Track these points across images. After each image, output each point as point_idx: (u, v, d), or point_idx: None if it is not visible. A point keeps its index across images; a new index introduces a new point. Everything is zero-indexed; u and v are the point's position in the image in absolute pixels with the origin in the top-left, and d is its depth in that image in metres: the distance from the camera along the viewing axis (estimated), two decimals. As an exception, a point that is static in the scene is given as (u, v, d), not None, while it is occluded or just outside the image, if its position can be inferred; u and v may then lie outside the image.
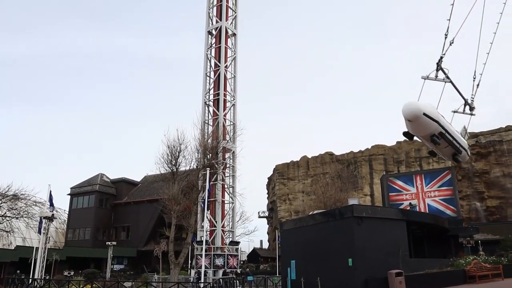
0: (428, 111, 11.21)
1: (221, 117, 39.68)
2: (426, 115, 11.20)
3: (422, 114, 11.12)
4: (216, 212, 37.37)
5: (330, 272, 21.01)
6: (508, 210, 64.52)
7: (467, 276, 23.92)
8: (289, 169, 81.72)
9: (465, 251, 37.78)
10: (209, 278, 31.22)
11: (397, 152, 73.04)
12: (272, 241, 71.32)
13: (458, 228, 36.25)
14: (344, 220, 21.90)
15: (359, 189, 71.08)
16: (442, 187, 37.18)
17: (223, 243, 37.30)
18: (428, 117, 11.26)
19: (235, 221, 39.43)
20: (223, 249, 36.82)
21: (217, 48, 42.49)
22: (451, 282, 22.74)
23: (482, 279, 23.92)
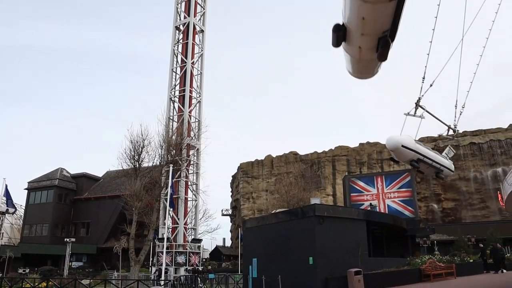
0: (406, 143, 13.62)
1: (186, 114, 39.32)
2: (404, 146, 13.54)
3: (401, 145, 13.58)
4: (179, 209, 37.03)
5: (291, 270, 21.19)
6: (462, 212, 67.10)
7: (423, 274, 24.68)
8: (253, 168, 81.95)
9: (422, 250, 39.06)
10: (170, 276, 30.93)
11: (359, 154, 74.55)
12: (235, 239, 71.35)
13: (416, 228, 37.36)
14: (306, 219, 22.13)
15: (322, 189, 72.10)
16: (402, 189, 38.25)
17: (185, 241, 37.02)
18: (406, 148, 13.58)
19: (198, 219, 39.20)
20: (185, 246, 36.54)
21: (184, 44, 42.06)
22: (408, 281, 23.40)
23: (436, 278, 24.77)
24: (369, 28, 6.86)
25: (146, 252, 28.18)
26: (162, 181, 33.76)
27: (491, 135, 66.56)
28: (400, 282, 22.82)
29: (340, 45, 7.55)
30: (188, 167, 39.18)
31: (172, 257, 35.04)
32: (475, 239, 46.26)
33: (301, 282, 20.62)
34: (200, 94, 41.90)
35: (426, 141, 72.67)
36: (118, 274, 35.72)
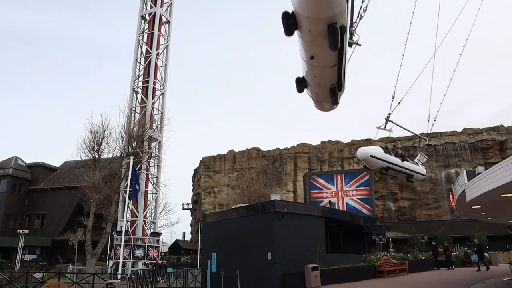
0: (374, 153, 15.16)
1: (149, 105, 38.75)
2: (373, 157, 15.06)
3: (370, 156, 15.08)
4: (139, 202, 36.53)
5: (249, 265, 21.31)
6: (417, 210, 69.54)
7: (377, 271, 25.46)
8: (215, 162, 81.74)
9: (377, 247, 40.18)
10: (127, 270, 30.47)
11: (321, 152, 75.75)
12: (195, 233, 71.04)
13: (372, 226, 38.39)
14: (266, 214, 22.28)
15: (283, 185, 72.84)
16: (360, 187, 39.16)
17: (144, 234, 36.58)
18: (375, 158, 15.07)
19: (158, 212, 38.80)
20: (143, 240, 36.11)
21: (150, 35, 41.36)
22: (363, 277, 24.07)
23: (390, 274, 25.61)
24: (320, 83, 9.18)
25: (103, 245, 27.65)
26: (122, 173, 33.16)
27: (446, 137, 69.15)
28: (355, 278, 23.44)
29: (303, 91, 9.80)
30: (149, 160, 38.68)
31: (130, 251, 34.54)
32: (428, 237, 48.07)
33: (259, 277, 20.79)
34: (164, 86, 41.36)
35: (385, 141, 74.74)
36: (73, 268, 34.84)
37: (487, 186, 11.22)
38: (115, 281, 18.39)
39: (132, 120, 37.08)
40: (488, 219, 21.77)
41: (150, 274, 25.10)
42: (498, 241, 48.13)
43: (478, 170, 13.22)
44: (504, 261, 36.60)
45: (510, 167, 9.68)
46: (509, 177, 9.65)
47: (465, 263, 35.30)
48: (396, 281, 23.07)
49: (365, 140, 75.07)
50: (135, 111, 39.39)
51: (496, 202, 13.64)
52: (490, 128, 71.23)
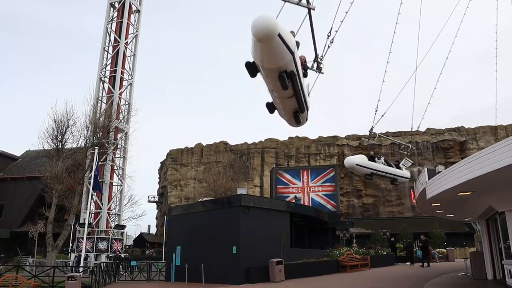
0: (359, 162, 11.40)
1: (116, 95, 38.04)
2: (358, 165, 11.08)
3: (355, 164, 11.03)
4: (103, 194, 35.87)
5: (214, 259, 21.36)
6: (380, 207, 71.23)
7: (340, 265, 26.03)
8: (182, 155, 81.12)
9: (341, 243, 41.00)
10: (90, 263, 29.93)
11: (288, 147, 76.36)
12: (160, 226, 70.42)
13: (337, 222, 39.10)
14: (232, 208, 22.37)
15: (250, 180, 73.07)
16: (326, 183, 39.72)
17: (108, 227, 36.00)
18: (360, 166, 11.03)
19: (123, 204, 38.22)
20: (107, 232, 35.53)
21: (119, 23, 40.50)
22: (326, 271, 24.56)
23: (353, 269, 26.24)
24: (284, 109, 11.47)
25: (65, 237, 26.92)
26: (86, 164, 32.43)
27: (410, 137, 70.98)
28: (319, 272, 23.89)
29: (274, 112, 11.90)
30: (115, 151, 38.02)
31: (94, 243, 33.94)
32: (390, 233, 49.39)
33: (223, 271, 20.89)
34: (132, 76, 40.66)
35: (351, 139, 76.15)
36: (33, 260, 33.91)
37: (446, 185, 11.62)
38: (77, 274, 18.06)
39: (98, 110, 36.24)
40: (446, 216, 22.54)
41: (113, 267, 24.76)
42: (455, 238, 49.95)
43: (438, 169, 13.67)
44: (460, 256, 38.04)
45: (467, 167, 10.07)
46: (467, 177, 10.04)
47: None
48: (358, 275, 23.63)
49: (332, 137, 76.20)
50: (101, 101, 38.57)
51: (454, 200, 14.15)
52: (451, 129, 73.63)
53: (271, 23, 8.37)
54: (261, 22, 8.33)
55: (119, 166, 38.81)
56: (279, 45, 8.71)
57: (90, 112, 33.79)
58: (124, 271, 27.59)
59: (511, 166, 8.41)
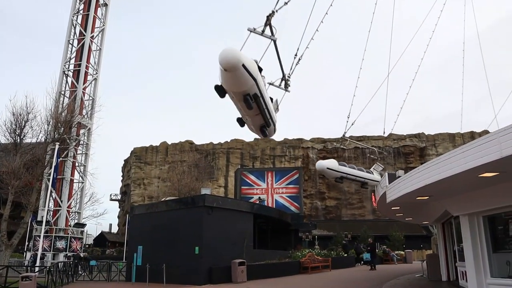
0: (330, 166, 12.34)
1: (80, 90, 37.15)
2: (329, 168, 11.73)
3: (326, 168, 11.83)
4: (63, 191, 34.94)
5: (177, 259, 21.16)
6: (342, 210, 72.54)
7: (302, 267, 26.30)
8: (147, 153, 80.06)
9: (304, 244, 41.45)
10: (47, 262, 29.05)
11: (253, 148, 76.63)
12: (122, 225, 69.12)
13: (300, 223, 39.47)
14: (195, 208, 22.23)
15: (215, 180, 72.87)
16: (290, 185, 40.00)
17: (67, 225, 35.07)
18: (330, 170, 11.66)
19: (83, 202, 37.35)
20: (66, 231, 34.61)
21: (85, 16, 39.56)
22: (288, 272, 24.77)
23: (314, 270, 26.57)
24: (251, 124, 13.09)
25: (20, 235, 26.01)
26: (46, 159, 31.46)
27: (373, 141, 72.60)
28: (281, 273, 24.07)
29: (244, 126, 13.39)
30: (77, 147, 37.11)
31: (51, 242, 32.98)
32: (351, 235, 50.40)
33: (185, 271, 20.73)
34: (97, 71, 39.81)
35: (316, 142, 77.21)
36: (-15, 259, 32.59)
37: (405, 189, 11.97)
38: (32, 274, 17.48)
39: (60, 104, 35.25)
40: (405, 219, 23.20)
41: (71, 267, 24.12)
42: (414, 240, 51.55)
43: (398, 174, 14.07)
44: (417, 258, 39.20)
45: (425, 172, 10.42)
46: (424, 182, 10.38)
47: (384, 260, 37.41)
48: (319, 277, 23.97)
49: (297, 139, 77.01)
50: (64, 95, 37.57)
51: (412, 204, 14.59)
52: (412, 135, 75.88)
53: (235, 56, 9.86)
54: (227, 55, 9.77)
55: (81, 163, 37.90)
56: (242, 73, 10.08)
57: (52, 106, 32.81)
58: (82, 271, 26.91)
59: (466, 172, 8.76)
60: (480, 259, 12.16)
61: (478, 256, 12.20)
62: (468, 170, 8.63)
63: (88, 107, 38.33)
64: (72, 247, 34.07)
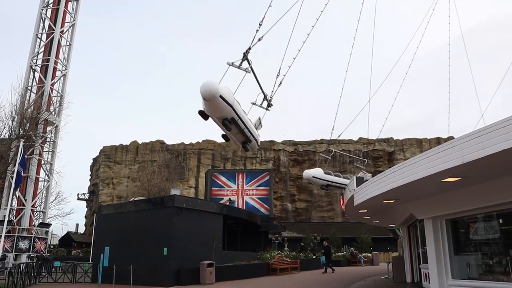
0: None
1: (48, 86, 36.24)
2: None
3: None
4: (27, 190, 33.97)
5: (145, 260, 20.88)
6: (312, 212, 73.24)
7: (271, 268, 26.38)
8: (117, 152, 78.75)
9: (273, 246, 41.62)
10: (8, 263, 28.16)
11: (225, 149, 76.49)
12: (90, 225, 67.71)
13: (269, 225, 39.64)
14: (165, 209, 22.03)
15: (185, 181, 72.36)
16: (260, 187, 40.12)
17: (31, 225, 34.12)
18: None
19: (49, 201, 36.42)
20: (30, 231, 33.66)
21: (55, 10, 38.62)
22: (256, 274, 24.82)
23: (283, 272, 26.70)
24: (235, 141, 15.18)
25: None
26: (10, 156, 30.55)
27: (343, 145, 73.67)
28: (249, 275, 24.09)
29: (229, 141, 15.90)
30: (43, 145, 36.16)
31: (14, 242, 32.00)
32: (320, 237, 50.94)
33: (153, 273, 20.49)
34: (66, 67, 38.92)
35: (287, 144, 77.72)
36: None
37: (372, 192, 12.22)
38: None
39: (26, 100, 34.28)
40: (373, 222, 23.64)
41: (34, 268, 23.43)
42: (381, 243, 52.51)
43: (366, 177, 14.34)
44: (384, 260, 39.93)
45: (391, 176, 10.66)
46: (390, 185, 10.62)
47: (351, 262, 37.95)
48: (287, 278, 24.11)
49: (268, 142, 77.30)
50: (31, 91, 36.56)
51: (379, 207, 14.89)
52: (382, 140, 77.35)
53: (213, 88, 11.79)
54: (206, 88, 11.70)
55: (47, 161, 36.95)
56: (220, 102, 11.96)
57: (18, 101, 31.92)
58: (46, 273, 26.17)
59: (429, 177, 9.01)
60: (442, 261, 12.51)
61: (441, 258, 12.55)
62: (432, 175, 8.88)
63: (56, 104, 37.41)
64: (36, 247, 33.16)
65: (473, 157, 7.60)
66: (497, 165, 8.19)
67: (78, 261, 28.41)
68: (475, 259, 11.71)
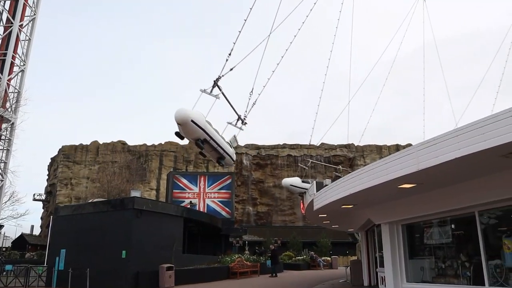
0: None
1: (4, 81, 34.94)
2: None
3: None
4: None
5: (102, 263, 20.41)
6: (273, 216, 73.67)
7: (231, 272, 26.38)
8: (76, 152, 76.61)
9: (234, 249, 41.59)
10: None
11: (188, 152, 75.89)
12: (46, 227, 65.45)
13: (230, 228, 39.54)
14: (124, 211, 21.63)
15: (146, 182, 71.27)
16: (222, 190, 39.97)
17: (-19, 226, 32.71)
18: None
19: (2, 202, 35.02)
20: (-21, 232, 32.27)
21: (14, 2, 37.31)
22: (216, 277, 24.77)
23: (242, 275, 26.77)
24: (210, 157, 16.95)
25: None
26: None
27: (305, 150, 74.65)
28: (209, 278, 24.03)
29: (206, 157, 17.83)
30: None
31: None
32: (281, 241, 51.35)
33: (111, 276, 20.05)
34: (24, 63, 37.66)
35: (250, 148, 77.97)
36: None
37: (332, 197, 12.47)
38: None
39: (-19, 95, 32.97)
40: (332, 227, 24.10)
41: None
42: (340, 247, 53.46)
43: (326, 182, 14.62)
44: (343, 264, 40.68)
45: (350, 182, 10.93)
46: (349, 191, 10.89)
47: (310, 266, 38.46)
48: (247, 282, 24.18)
49: (232, 145, 77.27)
50: (-15, 86, 35.13)
51: (338, 212, 15.19)
52: (343, 145, 78.84)
53: (186, 115, 13.28)
54: (179, 114, 13.19)
55: (1, 159, 35.56)
56: (192, 126, 13.45)
57: (-29, 97, 30.67)
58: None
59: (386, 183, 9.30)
60: (398, 264, 12.91)
61: (396, 262, 12.94)
62: (389, 181, 9.17)
63: (12, 100, 36.08)
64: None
65: (428, 165, 7.92)
66: (450, 173, 8.56)
67: (32, 264, 27.37)
68: (428, 262, 12.13)
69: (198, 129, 13.88)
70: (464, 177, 9.01)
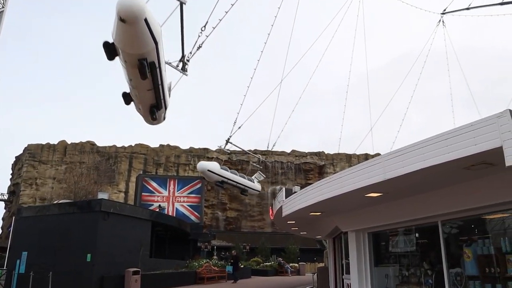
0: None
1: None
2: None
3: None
4: None
5: (66, 266, 19.92)
6: (242, 221, 73.70)
7: (198, 277, 26.23)
8: (43, 152, 74.71)
9: (202, 254, 41.36)
10: None
11: (158, 155, 75.17)
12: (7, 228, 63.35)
13: (199, 233, 39.37)
14: (91, 213, 21.23)
15: (115, 185, 70.10)
16: (192, 194, 39.78)
17: None
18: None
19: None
20: None
21: (-20, -3, 36.12)
22: (183, 282, 24.60)
23: (210, 280, 26.65)
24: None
25: None
26: None
27: (276, 156, 75.08)
28: (176, 283, 23.84)
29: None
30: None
31: None
32: (249, 246, 51.33)
33: (74, 280, 19.59)
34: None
35: (221, 153, 77.81)
36: None
37: (300, 204, 12.58)
38: None
39: None
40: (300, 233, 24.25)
41: None
42: (308, 253, 53.84)
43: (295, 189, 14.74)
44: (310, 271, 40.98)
45: (318, 189, 11.08)
46: (317, 198, 11.02)
47: (278, 272, 38.59)
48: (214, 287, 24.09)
49: (202, 149, 77.00)
50: None
51: (306, 219, 15.33)
52: (313, 153, 79.74)
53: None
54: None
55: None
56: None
57: None
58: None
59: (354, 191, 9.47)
60: (363, 272, 13.12)
61: (362, 269, 13.16)
62: (356, 190, 9.34)
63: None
64: None
65: (394, 175, 8.11)
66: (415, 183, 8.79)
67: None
68: (393, 270, 12.37)
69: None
70: (429, 187, 9.27)
